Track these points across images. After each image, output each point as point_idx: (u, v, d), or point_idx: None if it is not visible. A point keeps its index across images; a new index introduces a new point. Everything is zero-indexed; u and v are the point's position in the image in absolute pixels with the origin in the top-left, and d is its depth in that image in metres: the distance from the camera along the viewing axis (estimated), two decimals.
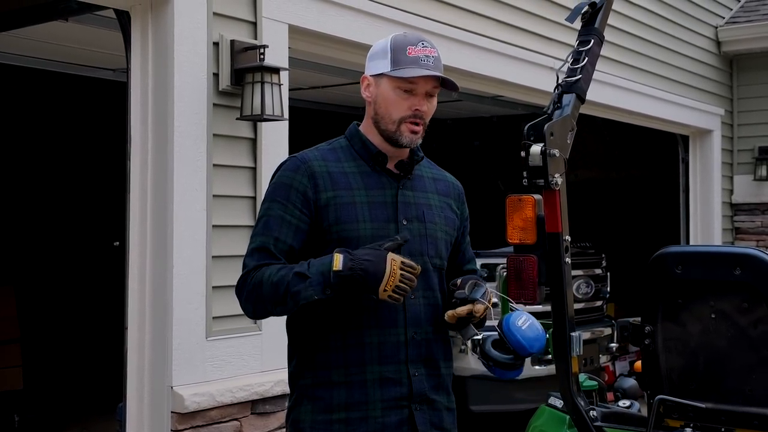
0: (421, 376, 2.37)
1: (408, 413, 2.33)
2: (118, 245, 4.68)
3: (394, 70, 2.33)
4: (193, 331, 4.08)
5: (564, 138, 2.96)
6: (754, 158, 9.61)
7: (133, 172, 4.13)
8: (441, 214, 2.46)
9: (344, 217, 2.32)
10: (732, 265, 3.01)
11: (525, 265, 2.85)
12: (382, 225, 2.34)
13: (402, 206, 2.38)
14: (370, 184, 2.38)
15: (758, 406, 3.00)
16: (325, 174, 2.35)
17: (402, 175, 2.41)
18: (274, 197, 2.36)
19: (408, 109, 2.35)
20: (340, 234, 2.31)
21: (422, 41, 2.37)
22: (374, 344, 2.30)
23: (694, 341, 3.12)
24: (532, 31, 6.62)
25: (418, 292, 2.35)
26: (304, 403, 2.36)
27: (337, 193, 2.33)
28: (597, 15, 3.22)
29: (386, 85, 2.36)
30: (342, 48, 5.11)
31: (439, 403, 2.41)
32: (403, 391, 2.33)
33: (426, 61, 2.33)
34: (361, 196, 2.35)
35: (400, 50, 2.35)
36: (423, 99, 2.36)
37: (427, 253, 2.40)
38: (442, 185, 2.53)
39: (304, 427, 2.35)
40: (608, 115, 7.90)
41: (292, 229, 2.32)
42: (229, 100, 4.28)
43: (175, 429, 3.99)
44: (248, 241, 2.42)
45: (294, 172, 2.36)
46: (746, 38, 9.45)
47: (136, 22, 4.14)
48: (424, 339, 2.37)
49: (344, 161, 2.39)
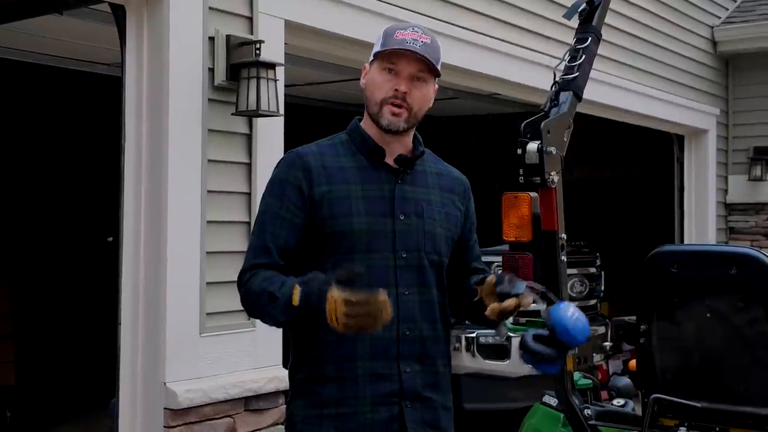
0: (414, 373, 2.34)
1: (398, 410, 2.31)
2: (112, 241, 4.65)
3: (381, 51, 2.33)
4: (187, 327, 4.07)
5: (561, 136, 2.95)
6: (749, 158, 9.62)
7: (128, 168, 4.11)
8: (441, 210, 2.43)
9: (338, 211, 2.30)
10: (728, 264, 3.01)
11: (520, 263, 2.84)
12: (378, 219, 2.32)
13: (399, 201, 2.36)
14: (368, 178, 2.36)
15: (753, 405, 3.00)
16: (320, 168, 2.33)
17: (401, 170, 2.39)
18: (271, 192, 2.37)
19: (390, 90, 2.32)
20: (334, 228, 2.30)
21: (415, 27, 2.35)
22: (366, 340, 2.27)
23: (689, 340, 3.12)
24: (530, 29, 6.62)
25: (411, 288, 2.34)
26: (298, 398, 2.36)
27: (332, 188, 2.32)
28: (594, 13, 3.22)
29: (374, 68, 2.36)
30: (338, 44, 5.10)
31: (434, 401, 2.38)
32: (393, 387, 2.31)
33: (413, 44, 2.30)
34: (356, 191, 2.33)
35: (389, 33, 2.34)
36: (405, 80, 2.32)
37: (424, 248, 2.37)
38: (446, 181, 2.50)
39: (296, 421, 2.35)
40: (604, 113, 7.90)
41: (287, 225, 2.31)
42: (224, 95, 4.27)
43: (168, 425, 3.98)
44: (243, 237, 2.42)
45: (289, 167, 2.36)
46: (742, 38, 9.46)
47: (131, 16, 4.12)
48: (419, 336, 2.35)
49: (342, 156, 2.38)
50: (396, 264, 2.33)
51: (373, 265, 2.30)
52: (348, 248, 2.30)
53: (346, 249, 2.30)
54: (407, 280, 2.34)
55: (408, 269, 2.34)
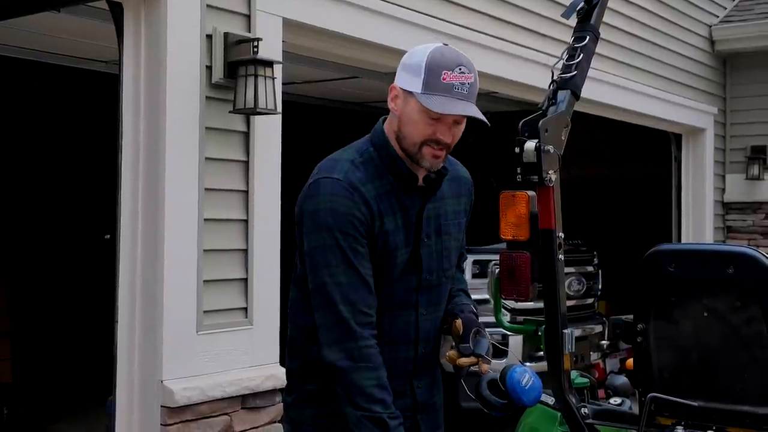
0: (424, 387, 2.40)
1: (411, 422, 2.36)
2: (109, 238, 4.65)
3: (425, 94, 2.20)
4: (184, 325, 4.07)
5: (558, 134, 2.95)
6: (747, 157, 9.63)
7: (125, 165, 4.10)
8: (455, 222, 2.44)
9: (388, 246, 2.27)
10: (725, 263, 3.01)
11: (518, 261, 2.84)
12: (409, 249, 2.31)
13: (425, 222, 2.34)
14: (401, 205, 2.31)
15: (750, 404, 3.00)
16: (373, 199, 2.25)
17: (430, 192, 2.36)
18: (338, 227, 2.20)
19: (432, 135, 2.24)
20: (383, 262, 2.26)
21: (460, 66, 2.21)
22: (384, 361, 2.25)
23: (687, 339, 3.12)
24: (527, 28, 6.61)
25: (429, 308, 2.36)
26: (307, 406, 2.35)
27: (383, 221, 2.26)
28: (593, 12, 3.21)
29: (413, 105, 2.24)
30: (336, 42, 5.09)
31: (436, 404, 2.46)
32: (407, 402, 2.35)
33: (460, 89, 2.20)
34: (398, 220, 2.29)
35: (434, 73, 2.20)
36: (449, 128, 2.25)
37: (442, 267, 2.39)
38: (455, 185, 2.48)
39: (306, 429, 2.35)
40: (601, 112, 7.90)
41: (367, 260, 2.22)
42: (222, 93, 4.26)
43: (164, 423, 3.97)
44: (240, 234, 2.39)
45: (349, 201, 2.22)
46: (740, 37, 9.46)
47: (128, 13, 4.11)
48: (430, 352, 2.38)
49: (377, 179, 2.29)
50: (420, 285, 2.34)
51: (398, 288, 2.31)
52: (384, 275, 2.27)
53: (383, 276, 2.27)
54: (426, 300, 2.37)
55: (427, 290, 2.37)
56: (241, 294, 4.34)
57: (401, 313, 2.32)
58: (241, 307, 4.35)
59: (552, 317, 3.02)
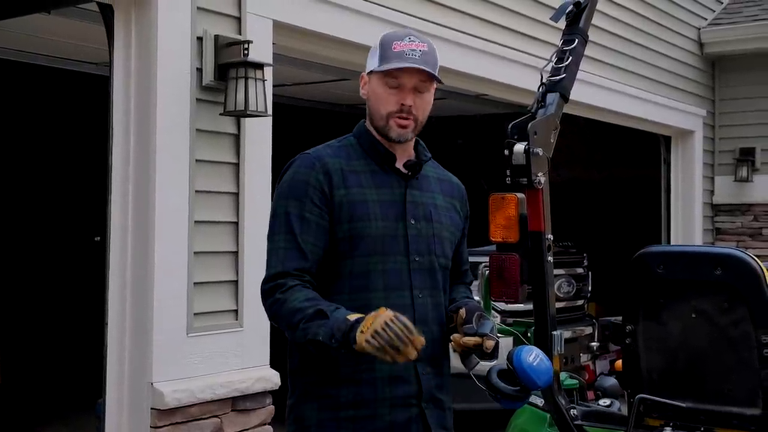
0: (429, 375, 2.37)
1: (417, 411, 2.33)
2: (99, 240, 4.64)
3: (380, 65, 2.35)
4: (174, 327, 4.06)
5: (547, 137, 2.97)
6: (735, 159, 9.67)
7: (115, 167, 4.10)
8: (446, 215, 2.48)
9: (357, 215, 2.32)
10: (713, 265, 3.03)
11: (507, 263, 2.85)
12: (391, 224, 2.35)
13: (410, 205, 2.39)
14: (380, 182, 2.38)
15: (737, 405, 3.02)
16: (338, 171, 2.35)
17: (410, 175, 2.42)
18: (291, 195, 2.33)
19: (395, 104, 2.35)
20: (352, 231, 2.31)
21: (410, 36, 2.37)
22: None
23: (675, 340, 3.14)
24: (517, 30, 6.63)
25: (425, 291, 2.37)
26: (309, 401, 2.35)
27: (349, 191, 2.33)
28: (581, 15, 3.23)
29: (375, 81, 2.38)
30: (326, 45, 5.10)
31: (444, 402, 2.43)
32: (412, 389, 2.33)
33: (411, 54, 2.33)
34: (371, 195, 2.35)
35: (386, 46, 2.36)
36: (410, 93, 2.35)
37: (435, 252, 2.41)
38: (446, 186, 2.54)
39: (310, 425, 2.33)
40: (591, 114, 7.92)
41: (314, 228, 2.31)
42: (212, 95, 4.26)
43: (154, 425, 3.97)
44: (231, 237, 2.40)
45: (310, 169, 2.34)
46: (728, 40, 9.51)
47: (119, 15, 4.11)
48: (430, 338, 2.36)
49: (354, 159, 2.40)
50: (410, 267, 2.36)
51: (389, 268, 2.33)
52: (365, 251, 2.31)
53: (363, 252, 2.31)
54: (421, 282, 2.37)
55: (421, 272, 2.38)
56: (231, 296, 4.34)
57: (395, 293, 2.33)
58: (231, 310, 4.35)
59: (541, 319, 3.04)
